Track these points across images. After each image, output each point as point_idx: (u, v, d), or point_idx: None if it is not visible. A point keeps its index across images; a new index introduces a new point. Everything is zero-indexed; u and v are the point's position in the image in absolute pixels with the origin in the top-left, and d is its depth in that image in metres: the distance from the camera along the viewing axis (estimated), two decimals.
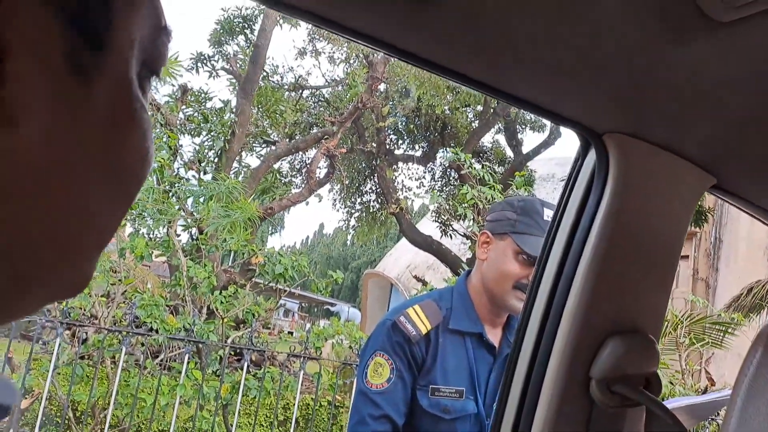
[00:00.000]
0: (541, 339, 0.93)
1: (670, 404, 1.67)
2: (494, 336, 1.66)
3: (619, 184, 0.89)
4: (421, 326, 1.59)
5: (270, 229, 18.55)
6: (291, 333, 14.71)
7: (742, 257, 12.30)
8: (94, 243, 0.35)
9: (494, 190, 5.58)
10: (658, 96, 0.79)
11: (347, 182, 14.02)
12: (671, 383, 5.15)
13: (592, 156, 0.95)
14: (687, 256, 12.91)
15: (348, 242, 33.67)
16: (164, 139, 5.83)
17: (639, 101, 0.81)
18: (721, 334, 6.45)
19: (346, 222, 15.09)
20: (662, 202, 0.94)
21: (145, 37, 0.35)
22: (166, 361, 5.53)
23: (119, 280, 5.45)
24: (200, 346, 5.07)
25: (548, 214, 1.60)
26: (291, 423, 5.11)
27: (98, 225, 0.35)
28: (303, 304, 29.70)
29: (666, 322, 5.60)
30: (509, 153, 14.04)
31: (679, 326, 5.80)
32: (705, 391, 5.99)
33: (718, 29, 0.64)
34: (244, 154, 10.64)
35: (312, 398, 5.44)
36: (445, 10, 0.63)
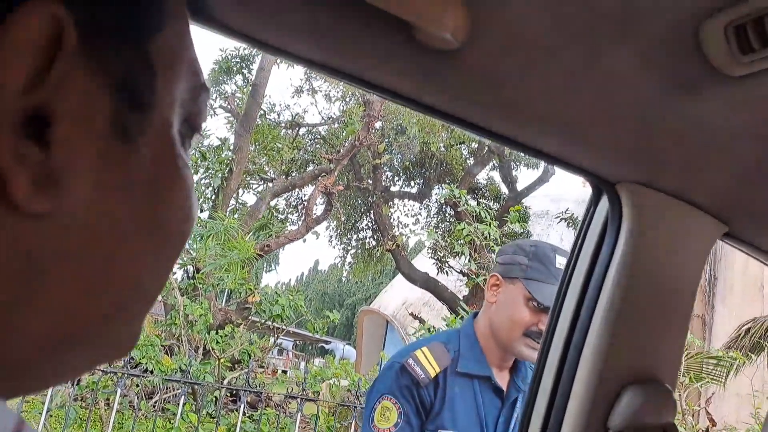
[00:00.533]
0: (558, 389, 0.92)
1: None
2: (502, 379, 1.64)
3: (633, 233, 0.90)
4: (430, 369, 1.56)
5: (265, 266, 18.46)
6: (285, 372, 14.49)
7: (737, 294, 12.29)
8: (141, 302, 0.35)
9: (490, 226, 5.60)
10: (670, 146, 0.80)
11: (343, 219, 14.04)
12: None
13: (604, 204, 0.96)
14: None
15: (343, 279, 33.48)
16: None
17: (651, 152, 0.82)
18: (724, 372, 6.38)
19: (342, 258, 15.05)
20: (675, 251, 0.94)
21: (186, 96, 0.36)
22: (161, 403, 5.43)
23: None
24: (196, 387, 4.99)
25: (560, 261, 1.59)
26: None
27: (145, 284, 0.35)
28: (297, 342, 29.33)
29: None
30: (504, 190, 14.11)
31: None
32: None
33: (729, 83, 0.65)
34: (241, 191, 10.67)
35: None
36: (463, 66, 0.64)
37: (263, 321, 6.61)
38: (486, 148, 12.73)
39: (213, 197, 8.63)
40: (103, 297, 0.32)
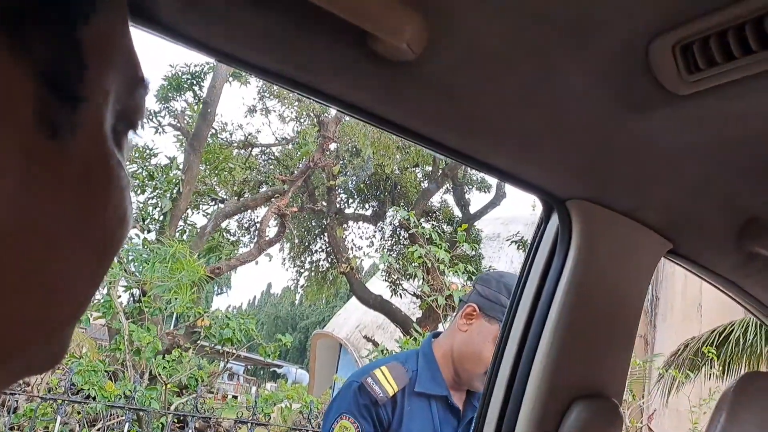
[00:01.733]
0: (508, 403, 0.93)
1: None
2: (458, 399, 1.65)
3: (582, 250, 0.91)
4: (389, 388, 1.57)
5: (216, 289, 18.07)
6: (236, 397, 14.12)
7: (677, 314, 12.72)
8: (70, 311, 0.32)
9: (440, 248, 5.64)
10: (619, 164, 0.82)
11: (297, 241, 13.90)
12: None
13: (554, 221, 0.97)
14: None
15: (296, 302, 33.08)
16: None
17: (600, 169, 0.84)
18: (665, 390, 6.58)
19: (295, 281, 14.87)
20: (623, 268, 0.96)
21: (121, 89, 0.33)
22: (105, 431, 5.20)
23: None
24: (141, 413, 4.80)
25: None
26: None
27: (74, 292, 0.32)
28: (249, 367, 28.68)
29: None
30: (457, 212, 14.30)
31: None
32: None
33: (676, 102, 0.67)
34: (190, 212, 10.44)
35: None
36: (419, 78, 0.64)
37: (212, 345, 6.45)
38: (440, 171, 12.89)
39: (161, 218, 8.42)
40: (28, 305, 0.29)
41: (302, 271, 14.55)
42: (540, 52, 0.62)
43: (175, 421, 6.32)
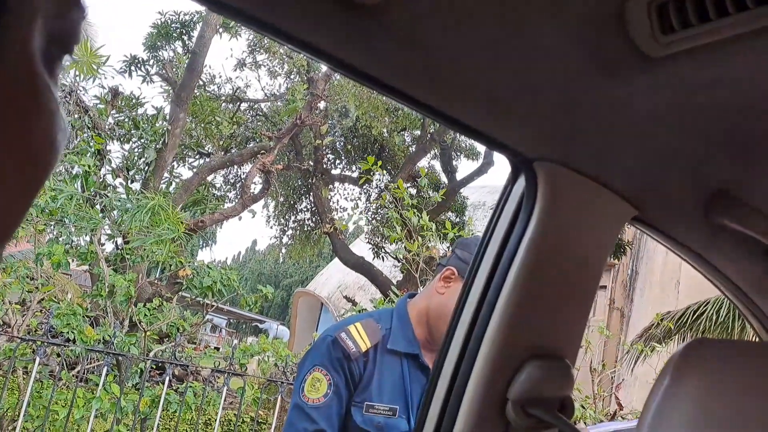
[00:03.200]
0: (462, 360, 0.93)
1: (595, 429, 1.71)
2: (430, 359, 1.69)
3: (546, 212, 0.90)
4: (362, 344, 1.61)
5: (201, 243, 18.07)
6: (218, 349, 14.28)
7: (655, 289, 12.94)
8: None
9: (413, 214, 5.66)
10: (588, 126, 0.82)
11: (282, 199, 13.89)
12: (583, 407, 5.33)
13: (521, 183, 0.96)
14: (605, 287, 13.49)
15: (280, 260, 33.16)
16: (90, 144, 5.61)
17: (570, 131, 0.84)
18: (633, 362, 6.78)
19: (279, 239, 14.92)
20: (586, 232, 0.96)
21: (53, 9, 0.31)
22: (84, 373, 5.29)
23: (36, 288, 5.19)
24: (120, 359, 4.89)
25: None
26: None
27: None
28: (231, 320, 28.91)
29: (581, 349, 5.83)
30: (444, 179, 14.31)
31: (592, 354, 6.07)
32: (614, 416, 6.26)
33: (649, 64, 0.67)
34: (176, 164, 10.37)
35: (235, 414, 5.32)
36: (385, 23, 0.62)
37: (194, 297, 6.51)
38: (428, 136, 12.86)
39: (146, 168, 8.35)
40: None
41: (286, 229, 14.59)
42: (511, 7, 0.61)
43: (154, 367, 6.43)
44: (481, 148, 14.23)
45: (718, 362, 0.86)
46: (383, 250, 12.33)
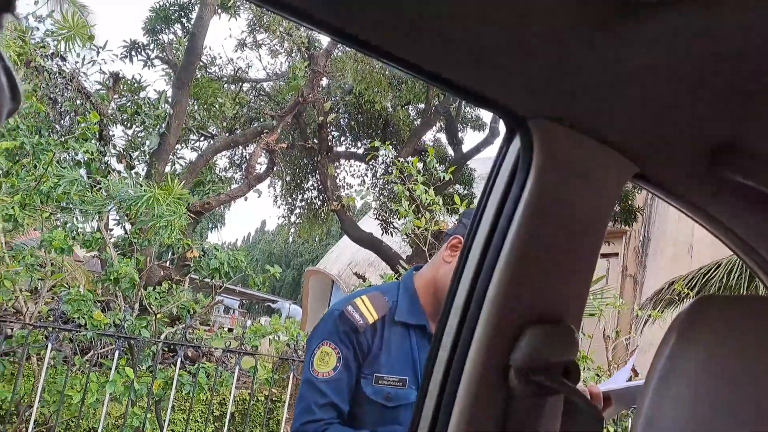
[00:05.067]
0: (462, 327, 0.91)
1: (603, 386, 1.70)
2: None
3: (543, 171, 0.87)
4: (369, 316, 1.62)
5: (210, 225, 18.14)
6: (231, 330, 14.43)
7: (668, 254, 12.88)
8: None
9: (427, 191, 5.64)
10: (583, 81, 0.79)
11: (288, 178, 13.87)
12: (597, 375, 5.33)
13: (516, 144, 0.92)
14: (617, 254, 13.43)
15: (290, 239, 33.30)
16: (89, 127, 5.57)
17: (564, 85, 0.80)
18: (641, 327, 6.76)
19: (287, 218, 14.94)
20: (585, 191, 0.93)
21: None
22: (97, 358, 5.34)
23: (46, 275, 5.23)
24: (132, 342, 4.93)
25: None
26: (227, 418, 5.03)
27: None
28: (244, 301, 29.21)
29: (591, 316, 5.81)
30: (450, 152, 14.22)
31: (605, 322, 6.05)
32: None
33: (646, 13, 0.64)
34: (180, 146, 10.34)
35: (249, 393, 5.37)
36: None
37: (202, 278, 6.54)
38: (433, 108, 12.74)
39: (150, 152, 8.34)
40: None
41: (294, 208, 14.60)
42: None
43: (167, 350, 6.50)
44: (486, 118, 14.12)
45: (725, 319, 0.83)
46: (391, 226, 12.33)
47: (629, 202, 10.70)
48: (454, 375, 0.90)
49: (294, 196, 14.43)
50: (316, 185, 14.13)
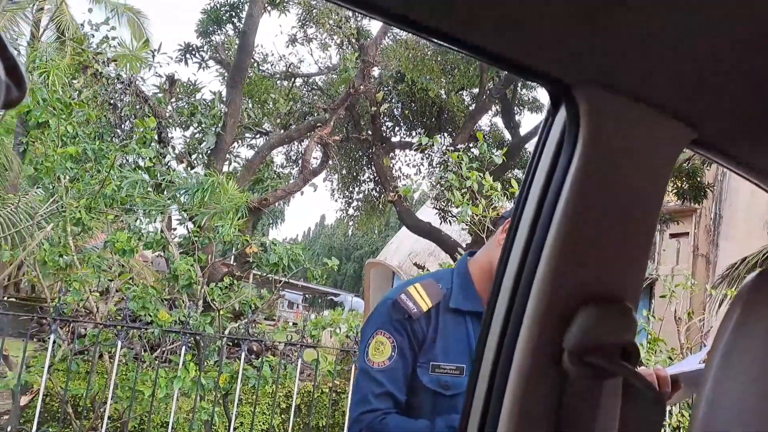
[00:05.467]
0: (512, 309, 0.88)
1: (671, 370, 1.62)
2: None
3: (591, 141, 0.82)
4: (422, 304, 1.60)
5: (270, 221, 18.53)
6: (295, 324, 14.72)
7: (741, 231, 12.27)
8: None
9: (483, 177, 5.52)
10: (630, 43, 0.72)
11: (344, 171, 13.94)
12: (670, 358, 5.12)
13: (562, 114, 0.88)
14: (687, 233, 12.89)
15: (350, 232, 33.65)
16: (147, 130, 5.73)
17: (609, 49, 0.74)
18: (716, 307, 6.44)
19: (344, 211, 15.04)
20: (638, 159, 0.86)
21: None
22: (167, 354, 5.52)
23: (116, 276, 5.42)
24: (197, 338, 5.05)
25: None
26: (292, 410, 5.09)
27: None
28: (306, 296, 29.75)
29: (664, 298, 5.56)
30: (507, 135, 13.94)
31: (677, 303, 5.78)
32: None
33: None
34: (236, 144, 10.55)
35: (313, 385, 5.43)
36: None
37: (263, 274, 6.64)
38: (487, 92, 12.49)
39: (207, 152, 8.53)
40: None
41: (351, 201, 14.68)
42: None
43: (231, 344, 6.64)
44: (543, 99, 13.75)
45: None
46: (449, 214, 12.19)
47: (698, 179, 10.18)
48: (505, 359, 0.86)
49: (351, 188, 14.50)
50: (372, 177, 14.14)
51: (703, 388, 0.78)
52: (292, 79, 12.24)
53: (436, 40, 0.74)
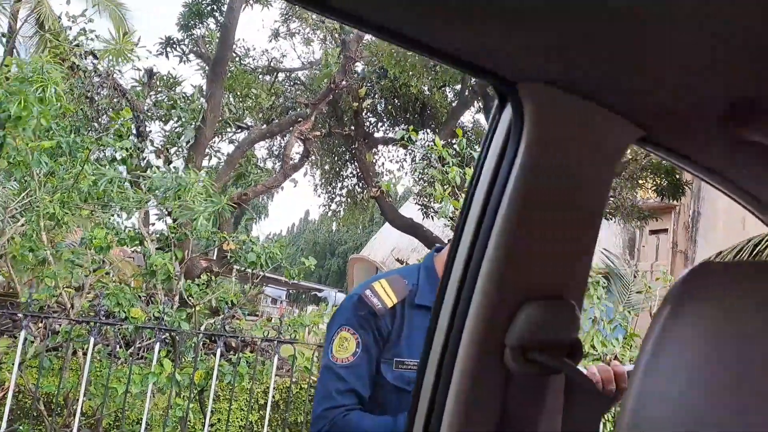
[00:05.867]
0: (458, 306, 0.88)
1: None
2: None
3: (535, 138, 0.82)
4: (387, 300, 1.59)
5: (253, 216, 18.44)
6: (280, 320, 14.66)
7: (720, 228, 12.42)
8: None
9: (464, 170, 5.53)
10: (576, 42, 0.72)
11: (327, 167, 13.90)
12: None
13: (508, 112, 0.87)
14: (666, 230, 13.03)
15: (333, 228, 33.58)
16: (132, 128, 5.68)
17: (556, 48, 0.74)
18: None
19: (327, 207, 15.00)
20: (584, 157, 0.87)
21: None
22: (143, 351, 5.48)
23: (91, 271, 5.36)
24: (173, 334, 5.01)
25: None
26: (268, 406, 5.07)
27: None
28: (291, 291, 29.66)
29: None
30: None
31: (654, 300, 5.84)
32: None
33: None
34: (217, 139, 10.47)
35: (291, 381, 5.42)
36: None
37: (242, 269, 6.62)
38: (469, 89, 12.51)
39: (187, 146, 8.46)
40: None
41: (334, 196, 14.64)
42: None
43: (208, 341, 6.61)
44: None
45: (724, 286, 0.73)
46: (432, 210, 12.21)
47: (677, 176, 10.29)
48: (450, 356, 0.87)
49: (333, 184, 14.46)
50: (355, 172, 14.11)
51: (633, 382, 0.79)
52: (275, 74, 12.16)
53: (385, 38, 0.74)
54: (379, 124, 14.12)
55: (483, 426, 0.86)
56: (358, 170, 13.18)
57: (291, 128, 9.91)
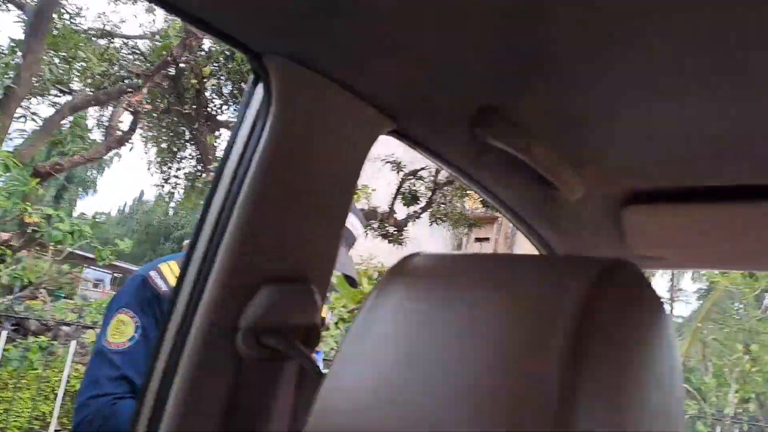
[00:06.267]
0: (195, 290, 0.84)
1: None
2: None
3: (282, 118, 0.80)
4: (173, 282, 1.51)
5: (79, 191, 16.89)
6: (85, 303, 13.57)
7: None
8: None
9: None
10: (332, 21, 0.70)
11: (164, 145, 13.12)
12: None
13: (261, 87, 0.84)
14: (488, 238, 14.08)
15: (170, 211, 31.87)
16: None
17: (308, 21, 0.71)
18: None
19: (161, 188, 14.17)
20: (332, 142, 0.87)
21: None
22: None
23: None
24: None
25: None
26: (59, 396, 4.67)
27: None
28: (116, 275, 27.66)
29: None
30: None
31: None
32: None
33: None
34: (36, 101, 9.42)
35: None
36: None
37: (55, 247, 6.04)
38: None
39: None
40: None
41: (169, 177, 13.86)
42: None
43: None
44: None
45: (428, 273, 0.78)
46: None
47: None
48: (180, 340, 0.82)
49: (170, 164, 13.67)
50: (194, 154, 13.46)
51: (330, 370, 0.81)
52: (110, 39, 11.23)
53: None
54: (224, 106, 13.61)
55: (209, 411, 0.83)
56: (198, 152, 12.59)
57: (120, 98, 9.20)
